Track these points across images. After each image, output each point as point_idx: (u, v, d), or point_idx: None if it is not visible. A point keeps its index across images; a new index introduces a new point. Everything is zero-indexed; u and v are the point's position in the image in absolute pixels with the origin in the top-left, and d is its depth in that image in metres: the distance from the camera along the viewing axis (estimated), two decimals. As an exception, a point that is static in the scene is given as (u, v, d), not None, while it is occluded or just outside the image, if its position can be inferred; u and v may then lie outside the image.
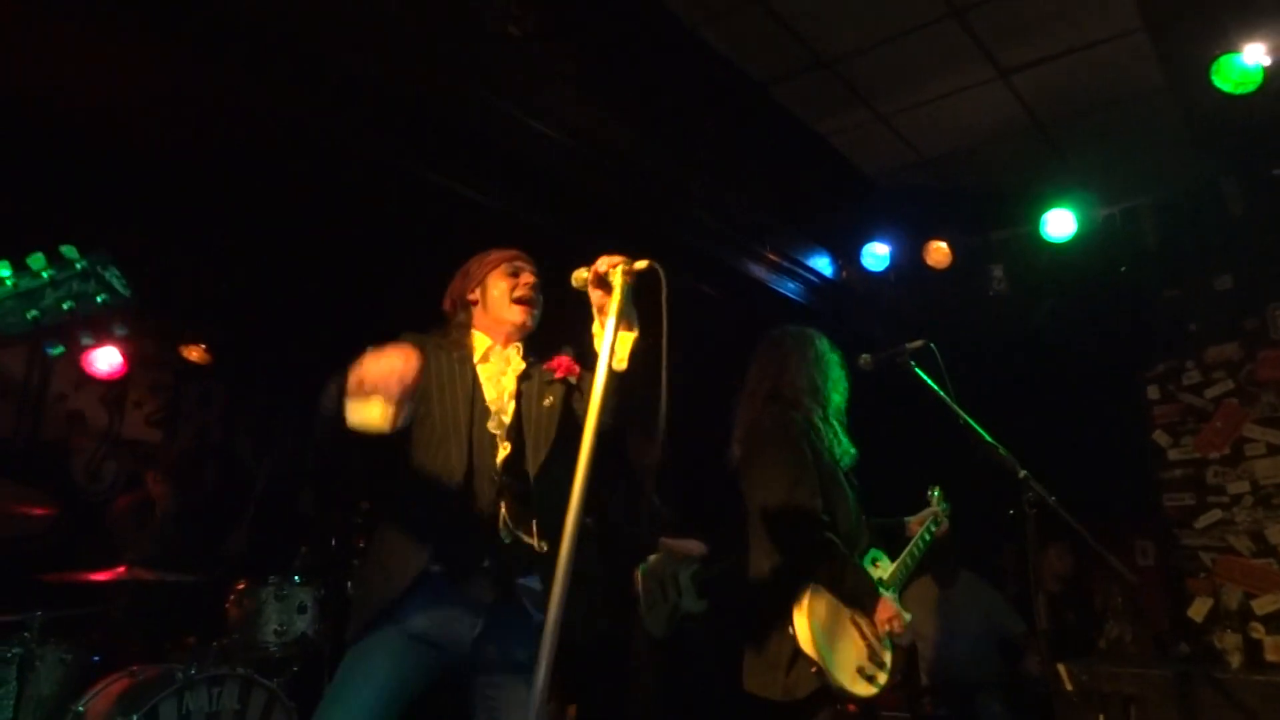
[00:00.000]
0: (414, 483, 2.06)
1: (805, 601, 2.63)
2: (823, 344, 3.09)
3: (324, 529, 4.44)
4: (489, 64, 3.28)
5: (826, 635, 2.60)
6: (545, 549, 2.04)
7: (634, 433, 2.11)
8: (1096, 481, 4.82)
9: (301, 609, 3.81)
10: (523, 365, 2.23)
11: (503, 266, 2.28)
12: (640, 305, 1.90)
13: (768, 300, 5.07)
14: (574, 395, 2.22)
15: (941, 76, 4.31)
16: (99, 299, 1.42)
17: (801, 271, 5.16)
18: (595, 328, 1.94)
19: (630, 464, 4.23)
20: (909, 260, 5.22)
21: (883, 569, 2.90)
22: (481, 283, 2.29)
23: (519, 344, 2.26)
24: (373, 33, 2.94)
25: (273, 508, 5.62)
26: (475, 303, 2.29)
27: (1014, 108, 4.52)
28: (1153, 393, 5.18)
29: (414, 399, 1.85)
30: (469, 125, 3.39)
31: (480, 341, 2.25)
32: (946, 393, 2.86)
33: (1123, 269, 4.81)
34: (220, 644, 3.67)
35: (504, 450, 2.10)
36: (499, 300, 2.24)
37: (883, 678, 2.69)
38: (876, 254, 5.25)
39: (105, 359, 4.73)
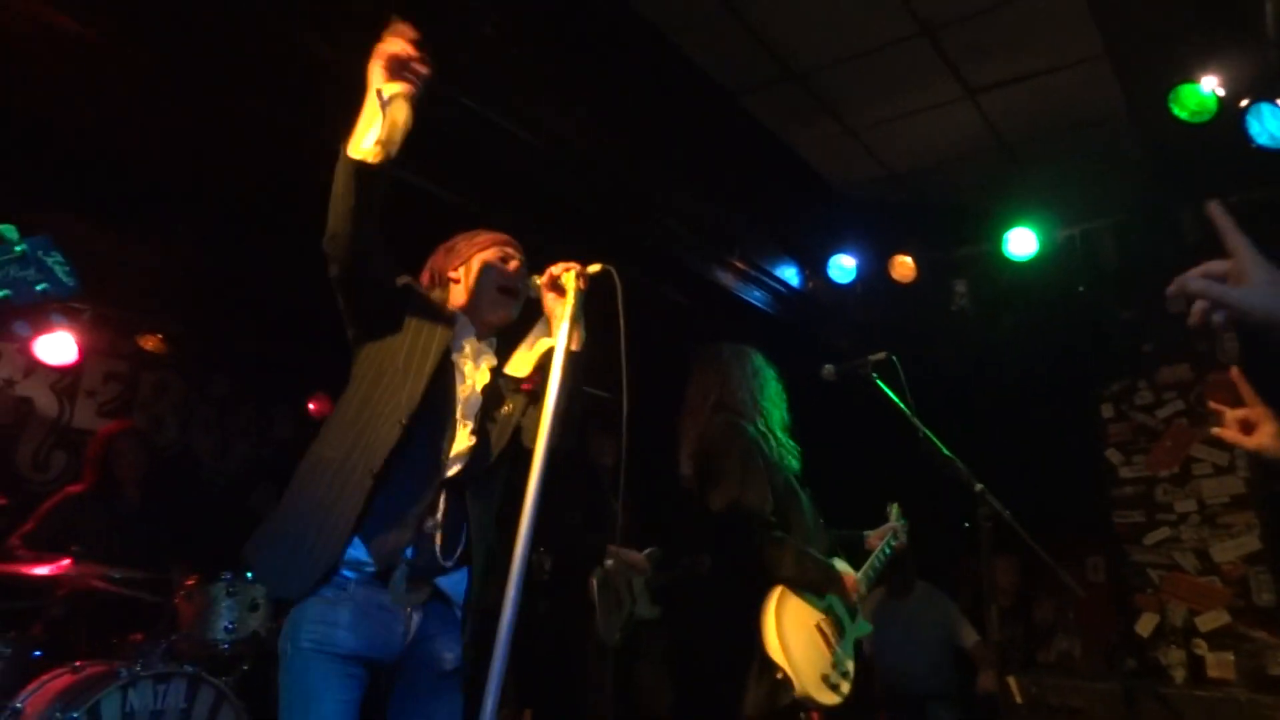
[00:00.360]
0: (352, 444, 1.91)
1: (772, 605, 2.63)
2: (759, 360, 3.14)
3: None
4: (463, 65, 3.26)
5: (793, 641, 2.60)
6: (448, 562, 1.94)
7: (595, 433, 2.12)
8: (1050, 496, 4.91)
9: (254, 606, 3.75)
10: (495, 361, 2.14)
11: (492, 250, 2.17)
12: (599, 309, 1.91)
13: (734, 308, 5.11)
14: (529, 411, 2.13)
15: (910, 93, 4.37)
16: (39, 287, 1.33)
17: (768, 280, 5.19)
18: (537, 336, 1.98)
19: (591, 466, 4.23)
20: (875, 273, 5.28)
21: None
22: (466, 262, 2.18)
23: (493, 339, 2.18)
24: (345, 27, 2.91)
25: (227, 503, 5.53)
26: (456, 281, 2.18)
27: (980, 127, 4.60)
28: (1107, 411, 5.30)
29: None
30: (441, 125, 3.37)
31: (458, 320, 2.13)
32: (907, 405, 2.90)
33: (1081, 289, 4.91)
34: (168, 641, 3.60)
35: (466, 440, 1.99)
36: (484, 288, 2.12)
37: (846, 686, 2.70)
38: (843, 265, 5.30)
39: (57, 347, 4.61)
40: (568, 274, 1.89)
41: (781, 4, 3.73)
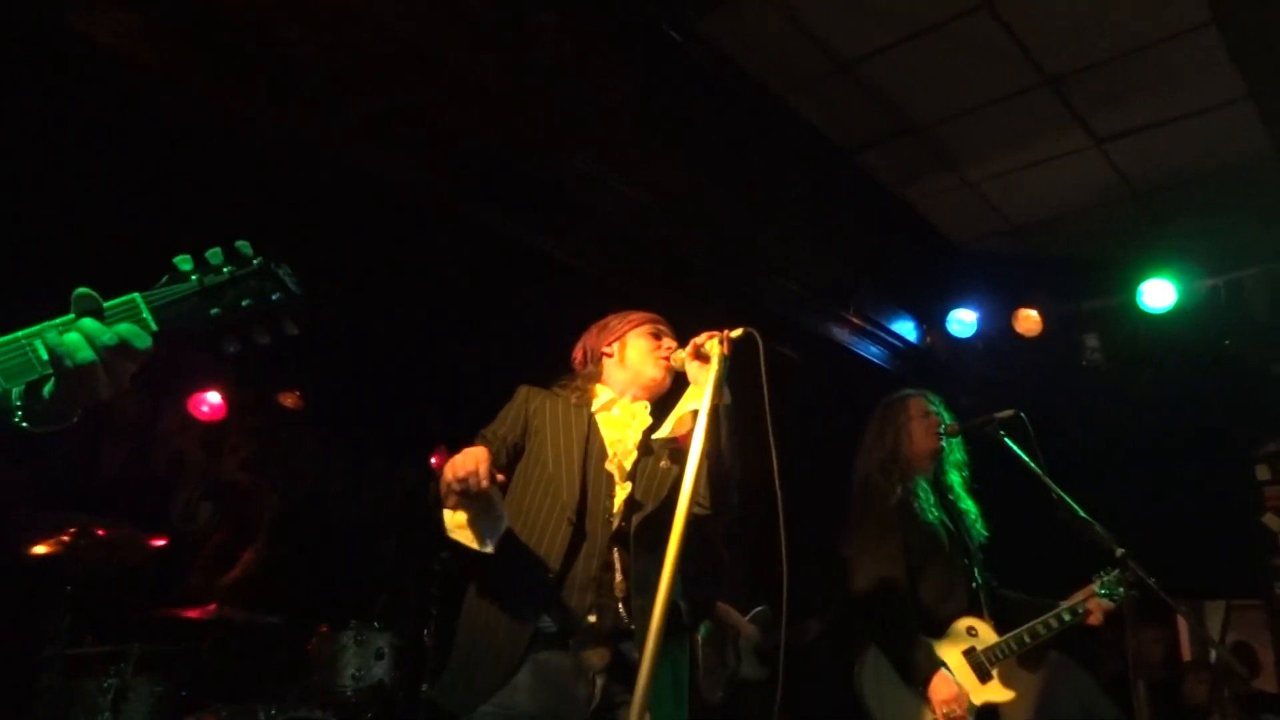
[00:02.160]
0: (522, 528, 2.03)
1: (869, 657, 2.70)
2: (937, 405, 3.15)
3: (404, 576, 4.52)
4: (585, 129, 3.40)
5: (890, 694, 2.62)
6: (629, 617, 1.94)
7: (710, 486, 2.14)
8: (1201, 565, 4.57)
9: (379, 655, 3.87)
10: (649, 421, 2.21)
11: (646, 327, 2.32)
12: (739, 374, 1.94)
13: (849, 363, 5.04)
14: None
15: (1032, 144, 4.27)
16: (274, 297, 1.40)
17: (884, 335, 5.11)
18: (684, 399, 2.02)
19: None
20: (997, 328, 5.11)
21: (981, 639, 2.85)
22: (621, 339, 2.32)
23: (648, 403, 2.26)
24: (476, 97, 3.09)
25: (357, 553, 5.76)
26: (609, 356, 2.32)
27: (1109, 176, 4.44)
28: (1262, 473, 4.91)
29: (501, 516, 1.91)
30: (563, 187, 3.51)
31: (603, 392, 2.28)
32: (1038, 464, 2.78)
33: (1227, 342, 4.61)
34: (301, 686, 3.75)
35: (623, 491, 2.07)
36: (640, 357, 2.26)
37: None
38: (963, 320, 5.16)
39: (208, 403, 4.97)
40: (711, 341, 1.93)
41: (896, 61, 3.74)
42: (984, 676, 2.81)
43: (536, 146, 3.30)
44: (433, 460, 6.10)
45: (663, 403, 2.24)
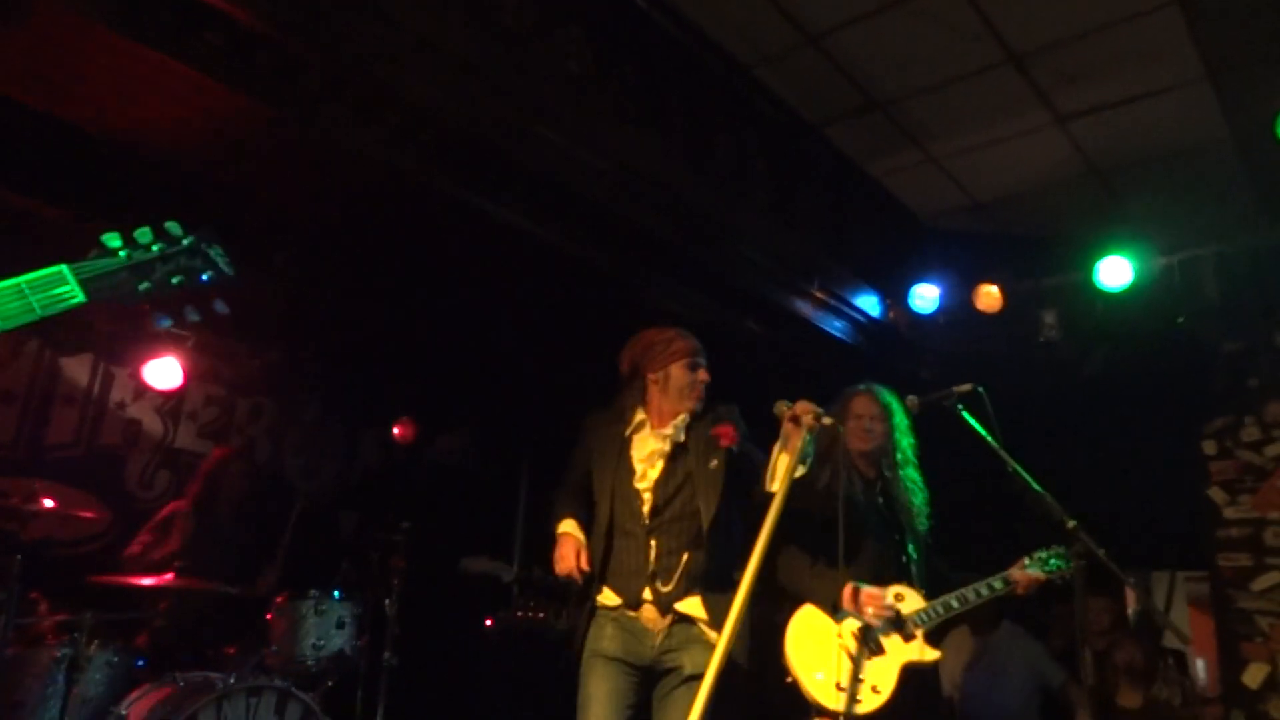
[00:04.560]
0: (592, 537, 2.73)
1: (794, 619, 2.92)
2: (884, 399, 3.27)
3: (365, 547, 4.50)
4: (546, 99, 3.36)
5: (809, 650, 2.84)
6: (669, 590, 2.60)
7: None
8: (1147, 537, 4.69)
9: (340, 624, 3.86)
10: (680, 436, 2.76)
11: (685, 360, 2.79)
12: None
13: (813, 338, 5.07)
14: (732, 462, 2.72)
15: (997, 121, 4.30)
16: (204, 276, 1.49)
17: (848, 310, 5.14)
18: (776, 447, 2.54)
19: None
20: (958, 303, 5.17)
21: (908, 604, 2.98)
22: (665, 369, 2.79)
23: (680, 420, 2.77)
24: (435, 64, 3.03)
25: (314, 525, 5.72)
26: (655, 383, 2.81)
27: (1071, 154, 4.50)
28: (1209, 448, 5.04)
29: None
30: (524, 158, 3.47)
31: (640, 415, 2.83)
32: (995, 438, 2.83)
33: (1180, 320, 4.71)
34: (260, 655, 3.73)
35: (648, 499, 2.70)
36: (679, 389, 2.77)
37: (871, 699, 2.78)
38: (925, 296, 5.21)
39: (164, 371, 4.87)
40: (808, 414, 2.45)
41: (863, 35, 3.74)
42: (908, 638, 2.93)
43: (496, 115, 3.25)
44: (395, 431, 6.08)
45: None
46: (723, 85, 4.12)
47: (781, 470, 2.43)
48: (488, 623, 4.83)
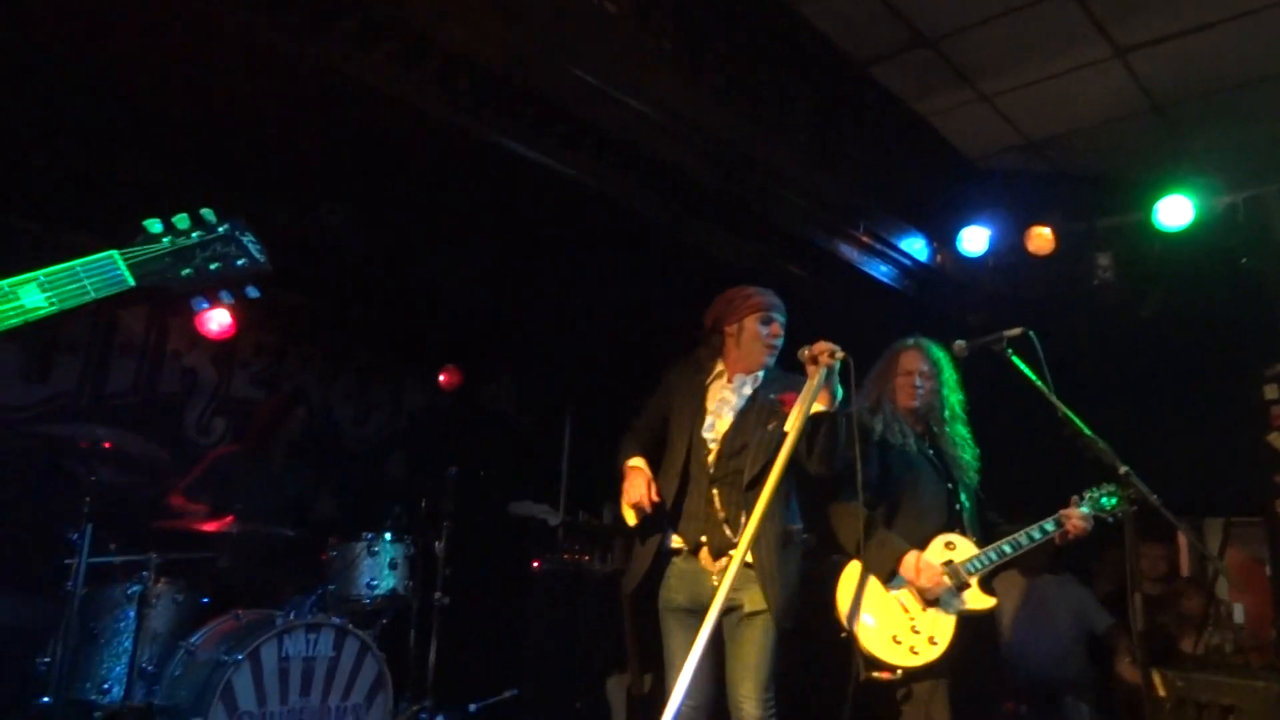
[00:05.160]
0: (660, 478, 2.80)
1: (845, 573, 2.93)
2: (932, 354, 3.25)
3: (414, 492, 4.60)
4: (584, 39, 3.30)
5: (865, 606, 2.84)
6: (736, 537, 2.63)
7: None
8: (1204, 483, 4.60)
9: (392, 565, 3.98)
10: (746, 387, 2.84)
11: (760, 314, 2.87)
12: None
13: (857, 283, 5.00)
14: (775, 427, 2.74)
15: (1052, 55, 4.13)
16: (239, 263, 1.56)
17: (894, 254, 5.05)
18: (805, 388, 2.58)
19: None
20: (1009, 246, 5.05)
21: (959, 553, 2.97)
22: (740, 321, 2.88)
23: (755, 375, 2.86)
24: (472, 7, 2.99)
25: (365, 470, 5.87)
26: (731, 335, 2.89)
27: (1130, 88, 4.31)
28: (1271, 392, 4.88)
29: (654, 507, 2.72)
30: (563, 100, 3.43)
31: (720, 366, 2.92)
32: (1045, 383, 2.78)
33: (1244, 260, 4.54)
34: (317, 594, 3.87)
35: (712, 452, 2.78)
36: (751, 342, 2.85)
37: (928, 651, 2.79)
38: (974, 238, 5.09)
39: (217, 320, 4.98)
40: (823, 353, 2.55)
41: (914, -34, 3.60)
42: (961, 586, 2.92)
43: (534, 58, 3.21)
44: (440, 379, 6.16)
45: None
46: (765, 23, 4.01)
47: (794, 412, 2.52)
48: (534, 565, 4.94)
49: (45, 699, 3.19)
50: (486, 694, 4.18)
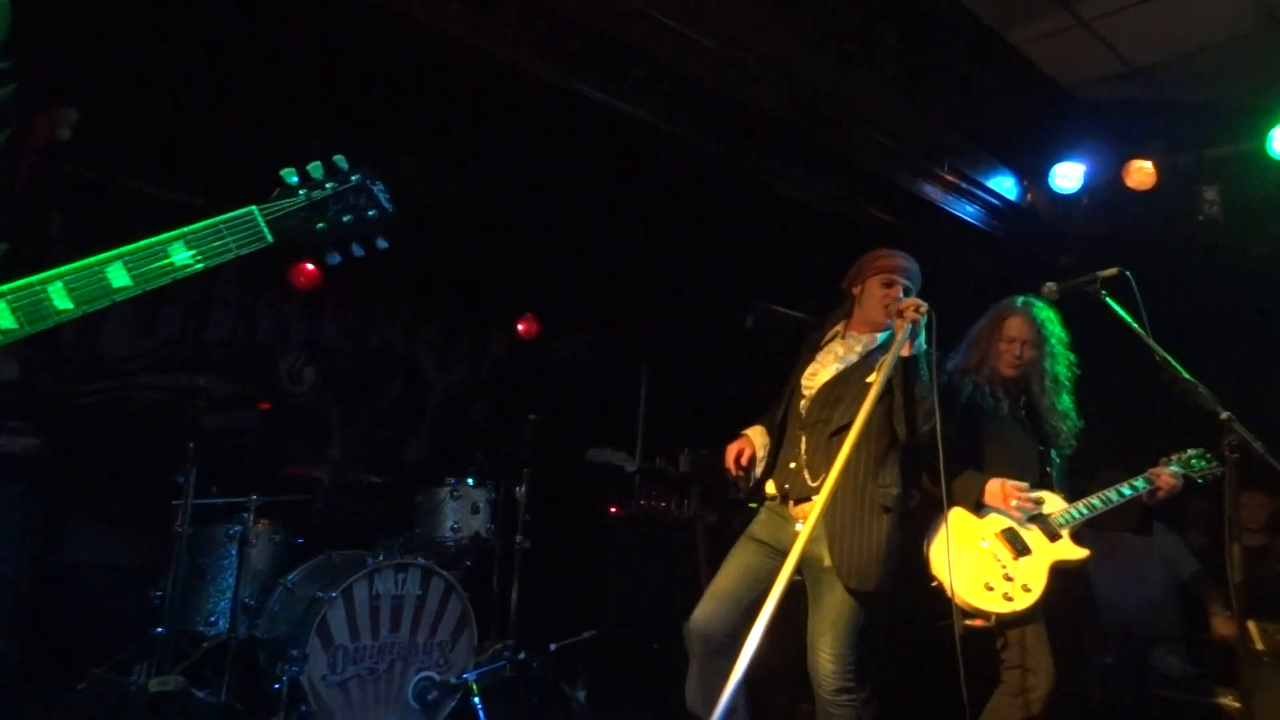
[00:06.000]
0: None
1: (936, 528, 2.89)
2: (1041, 315, 3.14)
3: (495, 438, 4.71)
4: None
5: (954, 554, 2.77)
6: (817, 484, 2.64)
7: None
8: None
9: (475, 509, 4.10)
10: (859, 345, 2.85)
11: (882, 276, 2.86)
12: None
13: (942, 224, 4.82)
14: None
15: (1158, -28, 3.85)
16: (370, 214, 1.54)
17: (981, 193, 4.85)
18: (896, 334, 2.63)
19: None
20: (1105, 181, 4.79)
21: (1050, 506, 2.95)
22: (864, 282, 2.90)
23: (874, 334, 2.85)
24: None
25: (449, 417, 6.03)
26: (856, 293, 2.94)
27: (1245, 3, 3.98)
28: (1390, 336, 4.56)
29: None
30: (636, 42, 3.37)
31: (840, 326, 2.95)
32: (1142, 326, 2.65)
33: (1367, 193, 4.20)
34: (405, 536, 4.03)
35: (806, 398, 2.83)
36: (871, 300, 2.86)
37: (1022, 599, 2.76)
38: (1068, 174, 4.84)
39: (306, 273, 5.15)
40: (909, 308, 2.62)
41: (1005, -117, 3.38)
42: (1053, 537, 2.89)
43: (607, 2, 3.16)
44: (520, 328, 6.25)
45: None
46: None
47: (881, 365, 2.56)
48: (612, 510, 5.02)
49: (159, 629, 3.43)
50: (566, 635, 4.30)
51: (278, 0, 3.12)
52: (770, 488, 2.84)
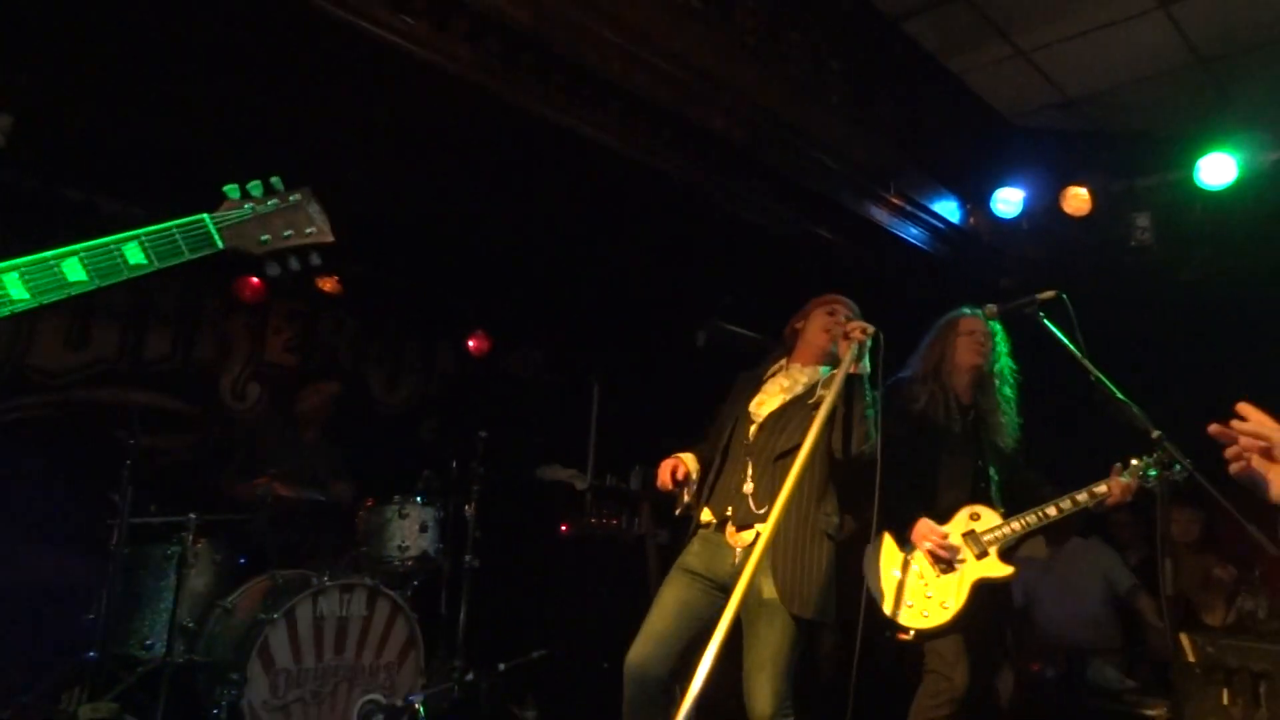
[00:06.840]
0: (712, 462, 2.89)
1: (876, 543, 2.99)
2: (946, 320, 3.28)
3: (444, 455, 4.67)
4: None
5: (885, 571, 2.92)
6: (763, 511, 2.61)
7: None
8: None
9: (423, 528, 4.05)
10: (804, 377, 2.86)
11: (825, 306, 2.95)
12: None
13: (887, 246, 4.92)
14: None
15: (1091, 7, 4.01)
16: (308, 230, 1.65)
17: (925, 216, 4.96)
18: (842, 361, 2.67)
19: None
20: (1044, 207, 4.93)
21: (982, 523, 2.99)
22: (807, 315, 2.97)
23: (817, 366, 2.88)
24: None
25: (397, 434, 5.95)
26: (799, 330, 2.98)
27: (1173, 41, 4.17)
28: (1314, 358, 4.77)
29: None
30: (586, 61, 3.39)
31: (782, 362, 2.97)
32: (1078, 347, 2.73)
33: (1289, 220, 4.40)
34: (350, 556, 3.96)
35: (754, 425, 2.81)
36: (814, 328, 2.92)
37: (940, 615, 2.86)
38: (1008, 199, 4.99)
39: (250, 288, 5.05)
40: (855, 330, 2.68)
41: (948, -83, 3.49)
42: (981, 555, 2.94)
43: (562, 19, 3.17)
44: (470, 344, 6.21)
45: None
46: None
47: (830, 382, 2.59)
48: (563, 528, 5.00)
49: (91, 654, 3.31)
50: (515, 655, 4.26)
51: (223, 9, 3.07)
52: (706, 514, 2.80)
